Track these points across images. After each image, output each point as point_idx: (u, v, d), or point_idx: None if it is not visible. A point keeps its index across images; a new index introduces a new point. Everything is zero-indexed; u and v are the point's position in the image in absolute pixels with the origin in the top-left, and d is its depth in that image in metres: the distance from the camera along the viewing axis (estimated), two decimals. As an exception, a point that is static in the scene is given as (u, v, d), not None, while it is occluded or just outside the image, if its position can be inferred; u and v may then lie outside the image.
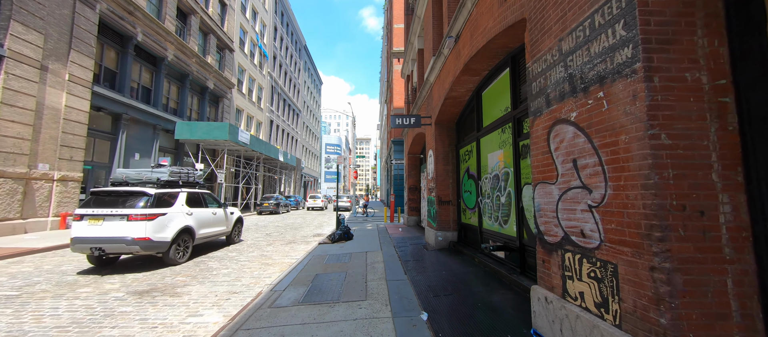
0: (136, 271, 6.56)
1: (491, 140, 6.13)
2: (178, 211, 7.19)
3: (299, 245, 10.11)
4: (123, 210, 6.37)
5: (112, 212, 6.35)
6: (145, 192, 6.67)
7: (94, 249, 6.22)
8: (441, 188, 8.21)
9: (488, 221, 6.25)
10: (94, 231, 6.26)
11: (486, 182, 6.38)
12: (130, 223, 6.30)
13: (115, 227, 6.28)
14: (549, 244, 3.04)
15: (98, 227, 6.29)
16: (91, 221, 6.32)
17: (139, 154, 16.04)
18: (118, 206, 6.43)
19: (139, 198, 6.58)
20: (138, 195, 6.62)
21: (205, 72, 20.48)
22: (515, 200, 5.04)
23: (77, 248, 6.28)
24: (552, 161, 3.01)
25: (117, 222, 6.31)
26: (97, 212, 6.35)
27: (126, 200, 6.55)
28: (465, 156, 7.73)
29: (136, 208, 6.42)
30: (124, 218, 6.32)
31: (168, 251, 6.78)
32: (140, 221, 6.34)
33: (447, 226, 8.11)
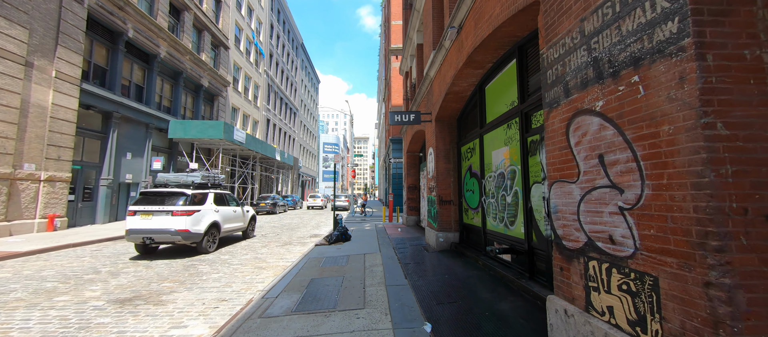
0: (120, 277, 6.19)
1: (496, 137, 5.80)
2: (208, 208, 8.46)
3: (295, 246, 9.75)
4: (168, 207, 7.67)
5: (159, 208, 7.66)
6: (184, 192, 8.04)
7: (145, 238, 7.52)
8: (442, 187, 7.88)
9: (493, 222, 5.92)
10: (145, 224, 7.56)
11: (490, 180, 6.05)
12: (173, 217, 7.58)
13: (161, 221, 7.56)
14: (568, 250, 2.71)
15: (149, 220, 7.59)
16: (142, 216, 7.63)
17: (131, 153, 15.60)
18: (163, 204, 7.77)
19: (180, 197, 7.94)
20: (178, 195, 7.98)
21: (199, 70, 20.02)
22: (523, 199, 4.71)
23: (132, 237, 7.57)
24: (572, 157, 2.67)
25: (163, 217, 7.59)
26: (148, 208, 7.68)
27: (169, 198, 7.90)
28: (467, 154, 7.40)
29: (177, 205, 7.74)
30: (169, 213, 7.60)
31: (201, 242, 8.06)
32: (181, 216, 7.63)
33: (448, 226, 7.78)
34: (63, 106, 12.02)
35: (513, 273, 4.88)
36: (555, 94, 2.90)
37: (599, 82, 2.37)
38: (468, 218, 7.34)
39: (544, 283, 4.17)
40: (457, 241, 7.72)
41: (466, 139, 7.46)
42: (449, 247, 7.72)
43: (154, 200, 7.87)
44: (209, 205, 8.57)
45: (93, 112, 13.82)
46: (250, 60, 27.68)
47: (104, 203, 14.06)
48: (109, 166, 14.23)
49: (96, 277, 6.21)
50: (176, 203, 7.81)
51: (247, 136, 20.29)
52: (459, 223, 7.79)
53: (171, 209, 7.63)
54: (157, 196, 7.98)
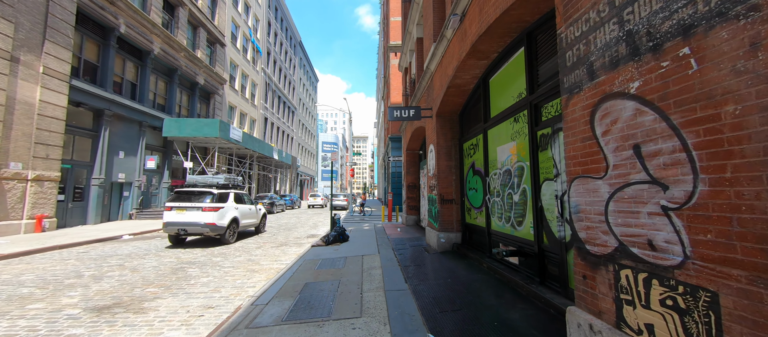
0: (103, 282, 5.81)
1: (501, 132, 5.44)
2: (230, 206, 9.59)
3: (291, 247, 9.38)
4: (198, 204, 8.83)
5: (191, 205, 8.81)
6: (210, 191, 9.20)
7: (179, 230, 8.66)
8: (443, 186, 7.52)
9: (498, 222, 5.56)
10: (180, 217, 8.69)
11: (495, 178, 5.69)
12: (203, 212, 8.76)
13: (193, 215, 8.70)
14: (594, 256, 2.35)
15: (183, 214, 8.72)
16: (177, 211, 8.78)
17: (123, 152, 15.20)
18: (194, 201, 8.92)
19: (207, 196, 9.10)
20: (206, 193, 9.15)
21: (194, 67, 19.60)
22: (532, 198, 4.35)
23: (168, 229, 8.70)
24: (598, 149, 2.31)
25: (195, 212, 8.74)
26: (181, 204, 8.83)
27: (199, 196, 9.07)
28: (469, 150, 7.04)
29: (205, 202, 8.91)
30: (199, 209, 8.77)
31: (224, 234, 9.18)
32: (209, 211, 8.81)
33: (450, 227, 7.42)
34: (51, 103, 11.61)
35: (521, 277, 4.52)
36: (576, 78, 2.54)
37: (634, 59, 2.01)
38: (471, 218, 6.99)
39: (557, 289, 3.82)
40: (459, 242, 7.36)
41: (468, 136, 7.10)
42: (451, 248, 7.36)
43: (186, 198, 9.02)
44: (230, 203, 9.70)
45: (83, 109, 13.40)
46: (247, 58, 27.25)
47: (96, 203, 13.66)
48: (100, 165, 13.83)
49: (77, 281, 5.83)
50: (204, 200, 9.00)
51: (243, 134, 19.89)
52: (461, 223, 7.43)
53: (201, 206, 8.83)
54: (189, 194, 9.14)
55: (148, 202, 16.81)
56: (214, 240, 9.82)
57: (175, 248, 8.89)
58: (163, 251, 8.52)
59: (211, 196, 9.14)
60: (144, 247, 9.15)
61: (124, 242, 10.21)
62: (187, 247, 9.07)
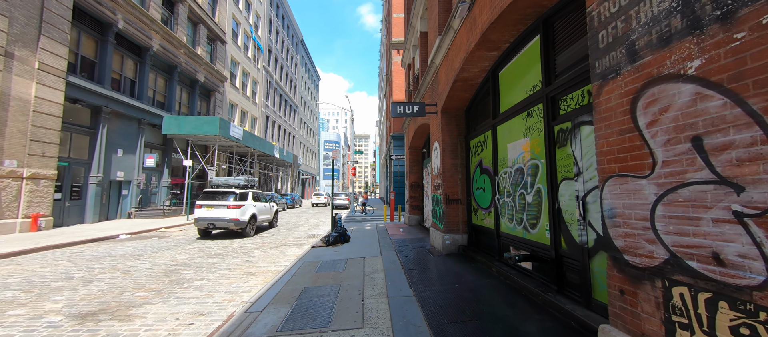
0: (92, 285, 5.51)
1: (512, 128, 5.08)
2: (249, 203, 10.85)
3: (290, 248, 9.07)
4: (224, 201, 10.07)
5: (218, 202, 10.04)
6: (233, 191, 10.41)
7: (209, 224, 9.98)
8: (448, 185, 7.17)
9: (508, 224, 5.21)
10: (209, 213, 9.96)
11: (505, 177, 5.33)
12: (228, 209, 9.99)
13: (220, 212, 9.94)
14: (634, 268, 2.00)
15: (211, 211, 9.97)
16: (207, 208, 10.02)
17: (122, 150, 14.93)
18: (220, 199, 10.14)
19: (230, 195, 10.30)
20: (230, 193, 10.36)
21: (194, 64, 19.31)
22: (548, 199, 3.99)
23: (199, 223, 10.02)
24: (642, 143, 1.96)
25: (221, 209, 9.98)
26: (210, 202, 10.08)
27: (223, 195, 10.25)
28: (477, 148, 6.69)
29: (229, 200, 10.13)
30: (224, 206, 10.00)
31: (245, 228, 10.41)
32: (233, 208, 10.05)
33: (456, 228, 7.07)
34: (47, 100, 11.34)
35: (535, 284, 4.17)
36: (612, 62, 2.18)
37: (693, 33, 1.66)
38: (478, 219, 6.64)
39: (578, 299, 3.46)
40: (465, 243, 7.01)
41: (475, 132, 6.75)
42: (457, 250, 7.01)
43: (213, 197, 10.25)
44: (250, 201, 10.93)
45: (81, 106, 13.13)
46: (248, 55, 26.95)
47: (93, 202, 13.41)
48: (98, 163, 13.56)
49: (66, 284, 5.54)
50: (228, 199, 10.21)
51: (244, 132, 19.60)
52: (467, 224, 7.08)
53: (226, 204, 10.07)
54: (214, 194, 10.36)
55: (147, 200, 16.55)
56: (234, 234, 10.99)
57: (172, 250, 8.61)
58: (159, 252, 8.23)
59: (234, 195, 10.38)
60: (140, 247, 8.87)
61: (120, 241, 9.94)
62: (190, 245, 8.80)
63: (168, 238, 10.56)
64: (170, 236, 11.07)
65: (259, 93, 28.98)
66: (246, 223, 10.32)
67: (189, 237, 10.68)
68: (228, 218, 9.91)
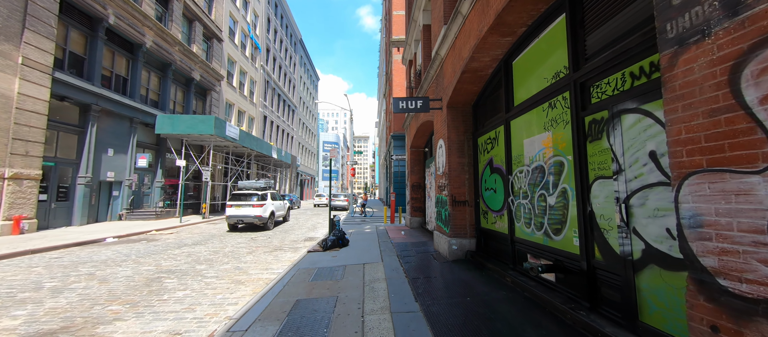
0: (61, 297, 4.92)
1: (530, 121, 4.54)
2: (269, 202, 12.92)
3: (286, 252, 8.49)
4: (249, 201, 12.12)
5: (244, 203, 12.11)
6: (256, 193, 12.59)
7: (238, 220, 12.10)
8: (455, 186, 6.62)
9: (525, 229, 4.66)
10: (237, 211, 12.02)
11: (521, 177, 4.78)
12: (252, 207, 12.04)
13: (246, 210, 12.00)
14: (740, 299, 1.45)
15: (239, 209, 12.02)
16: (236, 207, 12.07)
17: (112, 149, 14.34)
18: (246, 200, 12.24)
19: (254, 196, 12.45)
20: (253, 194, 12.53)
21: (190, 62, 18.74)
22: (578, 200, 3.44)
23: (230, 219, 12.11)
24: (751, 125, 1.43)
25: (247, 207, 12.04)
26: (239, 202, 12.16)
27: (248, 197, 12.39)
28: (486, 145, 6.14)
29: (253, 200, 12.22)
30: (250, 205, 12.06)
31: (267, 222, 12.56)
32: (256, 207, 12.11)
33: (463, 232, 6.51)
34: (31, 97, 10.75)
35: (561, 299, 3.61)
36: (695, 20, 1.64)
37: None
38: (488, 223, 6.08)
39: (619, 321, 2.91)
40: (473, 249, 6.45)
41: (484, 129, 6.20)
42: (464, 256, 6.45)
43: (240, 198, 12.47)
44: (269, 200, 13.05)
45: (68, 104, 12.54)
46: (246, 54, 26.39)
47: (81, 203, 12.80)
48: (87, 163, 12.97)
49: (33, 296, 4.96)
50: (252, 199, 12.38)
51: (240, 132, 19.02)
52: (475, 228, 6.52)
53: (251, 203, 12.21)
54: (241, 195, 12.58)
55: (139, 202, 15.94)
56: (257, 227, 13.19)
57: (159, 255, 8.02)
58: (144, 257, 7.65)
59: (257, 196, 12.59)
60: (124, 252, 8.29)
61: (105, 245, 9.35)
62: (179, 249, 8.20)
63: (157, 241, 9.97)
64: (160, 239, 10.48)
65: (256, 93, 28.41)
66: (267, 218, 12.56)
67: (179, 241, 10.09)
68: (253, 215, 12.14)
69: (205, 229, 13.13)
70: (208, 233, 11.96)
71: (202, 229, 13.11)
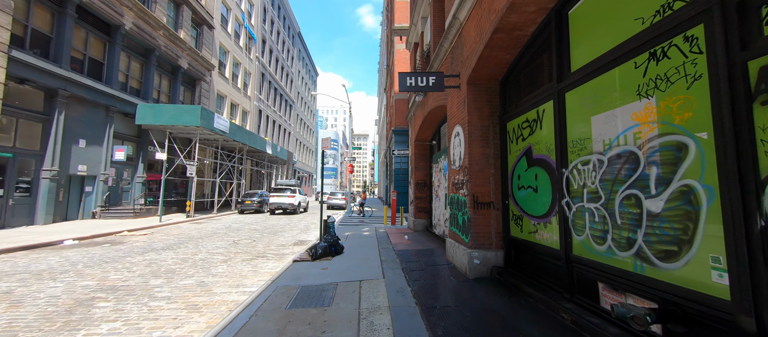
0: None
1: (604, 88, 3.09)
2: (298, 195, 18.24)
3: (268, 261, 7.03)
4: (285, 193, 17.71)
5: (282, 194, 17.64)
6: (290, 187, 18.54)
7: (277, 207, 17.38)
8: (477, 183, 5.16)
9: (595, 245, 3.20)
10: (277, 200, 17.46)
11: (585, 170, 3.33)
12: (288, 198, 17.53)
13: (283, 199, 17.44)
14: None
15: (279, 198, 17.48)
16: (277, 197, 17.53)
17: (85, 140, 12.82)
18: (283, 192, 17.86)
19: (288, 188, 18.25)
20: (287, 188, 18.40)
21: (176, 48, 17.21)
22: (725, 207, 1.99)
23: (271, 206, 17.42)
24: None
25: (284, 197, 17.53)
26: (278, 194, 17.71)
27: (284, 189, 18.21)
28: (520, 131, 4.69)
29: (288, 192, 17.84)
30: (286, 196, 17.56)
31: (296, 209, 17.98)
32: (290, 197, 17.59)
33: (487, 242, 5.06)
34: (-20, 77, 9.25)
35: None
36: None
37: None
38: (522, 231, 4.63)
39: None
40: (500, 264, 5.01)
41: (518, 110, 4.75)
42: (488, 273, 5.00)
43: (279, 190, 18.04)
44: (298, 193, 18.30)
45: (30, 87, 11.03)
46: (240, 44, 24.84)
47: (46, 199, 11.30)
48: (53, 154, 11.46)
49: None
50: (287, 191, 17.92)
51: (230, 124, 17.51)
52: (503, 237, 5.07)
53: (287, 194, 17.66)
54: (280, 188, 18.27)
55: (117, 198, 14.44)
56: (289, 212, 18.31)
57: (113, 263, 6.54)
58: (92, 266, 6.18)
59: (290, 189, 18.17)
60: (75, 259, 6.81)
61: (59, 249, 7.87)
62: (142, 256, 6.73)
63: (122, 245, 8.50)
64: (127, 242, 9.00)
65: (251, 85, 26.87)
66: (296, 205, 17.85)
67: (148, 244, 8.61)
68: (288, 203, 17.46)
69: (186, 230, 11.65)
70: (186, 234, 10.48)
71: (182, 230, 11.63)
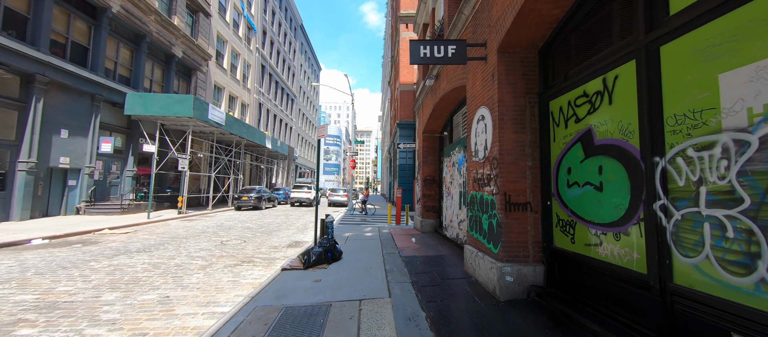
0: None
1: (753, 25, 1.93)
2: (312, 190, 21.37)
3: (254, 268, 5.97)
4: (304, 189, 21.13)
5: (302, 190, 21.11)
6: (306, 184, 22.23)
7: (296, 201, 20.92)
8: (510, 178, 4.03)
9: (730, 276, 2.06)
10: (297, 195, 20.89)
11: (710, 159, 2.20)
12: (306, 193, 20.90)
13: (303, 194, 20.83)
14: None
15: (299, 194, 20.91)
16: (297, 192, 21.02)
17: (67, 130, 11.82)
18: (302, 188, 21.34)
19: (306, 186, 21.76)
20: (305, 185, 22.05)
21: (169, 35, 16.15)
22: None
23: (291, 200, 21.01)
24: None
25: (303, 193, 20.90)
26: (298, 190, 21.14)
27: (302, 186, 21.68)
28: (573, 109, 3.55)
29: (305, 188, 21.29)
30: (304, 192, 20.96)
31: (312, 202, 20.50)
32: (308, 193, 20.94)
33: (522, 254, 3.94)
34: (-59, 57, 8.24)
35: None
36: None
37: None
38: (574, 242, 3.50)
39: None
40: (540, 283, 3.88)
41: (568, 83, 3.61)
42: (525, 294, 3.88)
43: (299, 186, 21.17)
44: (312, 190, 21.21)
45: (4, 72, 10.03)
46: (239, 34, 23.74)
47: (23, 194, 10.34)
48: (30, 145, 10.48)
49: None
50: (304, 188, 20.99)
51: (227, 116, 16.47)
52: (544, 248, 3.94)
53: (305, 190, 20.74)
54: (300, 185, 21.37)
55: (104, 193, 13.48)
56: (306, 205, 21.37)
57: (73, 269, 5.50)
58: (44, 274, 5.14)
59: (307, 186, 21.27)
60: (32, 262, 5.80)
61: (23, 249, 6.87)
62: (110, 260, 5.69)
63: (95, 245, 7.49)
64: (102, 241, 7.99)
65: (251, 77, 25.80)
66: (312, 199, 19.58)
67: (125, 245, 7.58)
68: (306, 198, 20.42)
69: (173, 228, 10.64)
70: (172, 233, 9.47)
71: (170, 228, 10.62)
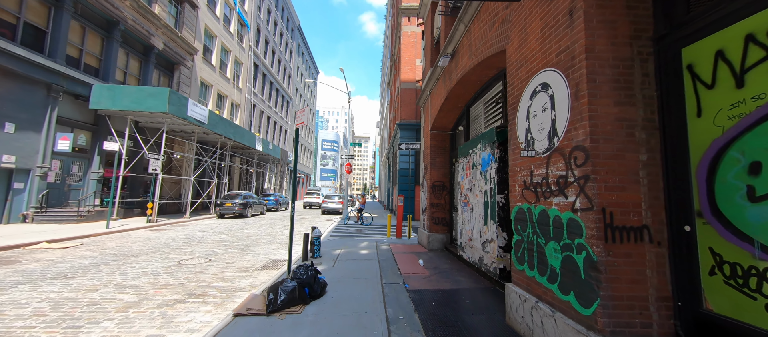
0: None
1: None
2: (320, 195, 27.01)
3: (201, 307, 4.13)
4: (315, 195, 26.97)
5: (314, 195, 26.85)
6: (318, 191, 27.92)
7: (309, 204, 26.08)
8: (611, 183, 2.28)
9: None
10: (310, 200, 26.29)
11: None
12: (315, 198, 26.40)
13: (313, 198, 26.36)
14: None
15: (311, 198, 26.41)
16: (309, 197, 26.60)
17: (13, 124, 9.95)
18: (313, 193, 27.18)
19: (316, 192, 27.49)
20: (316, 191, 27.63)
21: (148, 25, 14.42)
22: None
23: (306, 203, 26.07)
24: None
25: (315, 197, 26.52)
26: (311, 195, 26.93)
27: (314, 192, 27.36)
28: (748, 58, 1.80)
29: (316, 194, 27.10)
30: (314, 197, 26.64)
31: (320, 205, 23.16)
32: (317, 198, 26.39)
33: (639, 320, 2.14)
34: None
35: None
36: None
37: None
38: (756, 301, 1.72)
39: None
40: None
41: (726, 10, 1.86)
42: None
43: (311, 193, 27.06)
44: (321, 195, 26.88)
45: (-74, 50, 8.19)
46: (230, 30, 22.08)
47: (-52, 198, 8.40)
48: (-40, 139, 8.59)
49: None
50: (315, 193, 27.03)
51: (210, 114, 14.67)
52: (676, 308, 2.16)
53: (316, 195, 26.79)
54: (312, 191, 27.23)
55: (61, 198, 11.55)
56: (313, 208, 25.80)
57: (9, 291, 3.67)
58: None
59: (317, 192, 26.91)
60: None
61: None
62: None
63: (11, 265, 5.61)
64: (22, 260, 6.11)
65: (243, 76, 24.07)
66: (321, 203, 22.11)
67: (43, 267, 5.67)
68: (318, 203, 25.18)
69: (130, 240, 8.73)
70: (123, 249, 7.58)
71: (126, 240, 8.72)
